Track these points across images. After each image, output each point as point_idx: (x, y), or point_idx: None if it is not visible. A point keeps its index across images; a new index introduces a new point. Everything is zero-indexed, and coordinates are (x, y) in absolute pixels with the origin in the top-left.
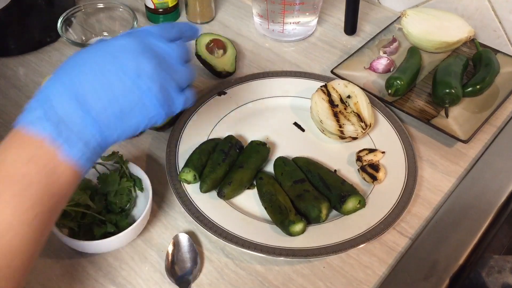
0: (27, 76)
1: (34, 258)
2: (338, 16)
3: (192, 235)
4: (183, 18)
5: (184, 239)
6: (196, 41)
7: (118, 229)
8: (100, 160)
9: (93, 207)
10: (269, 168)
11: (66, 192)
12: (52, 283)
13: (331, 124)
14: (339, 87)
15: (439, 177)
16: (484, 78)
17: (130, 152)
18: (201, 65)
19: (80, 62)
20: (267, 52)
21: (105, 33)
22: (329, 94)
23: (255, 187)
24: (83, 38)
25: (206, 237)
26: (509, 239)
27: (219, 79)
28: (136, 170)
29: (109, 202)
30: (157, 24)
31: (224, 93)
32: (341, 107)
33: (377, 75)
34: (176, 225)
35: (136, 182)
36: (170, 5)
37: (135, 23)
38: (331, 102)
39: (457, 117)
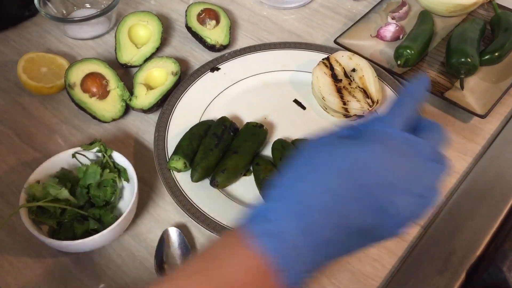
0: (4, 54)
1: None
2: None
3: (184, 228)
4: None
5: (174, 234)
6: (186, 11)
7: (102, 224)
8: (80, 149)
9: (74, 202)
10: (267, 151)
11: None
12: (33, 284)
13: (334, 101)
14: (343, 60)
15: (454, 157)
16: (504, 44)
17: (116, 137)
18: (192, 38)
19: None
20: (264, 21)
21: (88, 5)
22: (331, 68)
23: (252, 174)
24: (64, 12)
25: (199, 230)
26: None
27: (211, 53)
28: (121, 159)
29: (91, 195)
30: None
31: (218, 69)
32: (345, 82)
33: (385, 43)
34: (166, 217)
35: (121, 172)
36: None
37: None
38: (334, 77)
39: (473, 89)
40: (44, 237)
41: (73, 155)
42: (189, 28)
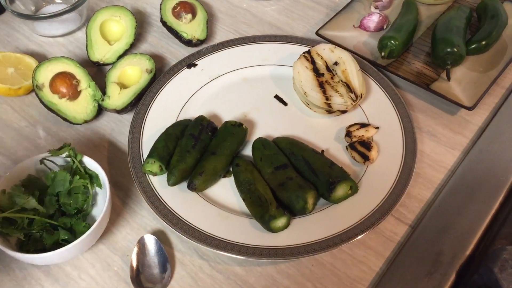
0: None
1: None
2: None
3: (161, 235)
4: None
5: (151, 241)
6: (160, 5)
7: (74, 234)
8: (48, 155)
9: (43, 211)
10: (247, 151)
11: None
12: None
13: (316, 96)
14: (325, 53)
15: (442, 151)
16: (491, 32)
17: (89, 139)
18: (168, 33)
19: None
20: (243, 13)
21: (58, 0)
22: (313, 62)
23: (232, 175)
24: (33, 8)
25: (177, 236)
26: None
27: (188, 48)
28: (92, 164)
29: (61, 203)
30: None
31: (195, 65)
32: (327, 76)
33: (368, 34)
34: (143, 223)
35: (93, 178)
36: None
37: None
38: (316, 71)
39: (460, 79)
40: (11, 251)
41: (41, 161)
42: (164, 23)
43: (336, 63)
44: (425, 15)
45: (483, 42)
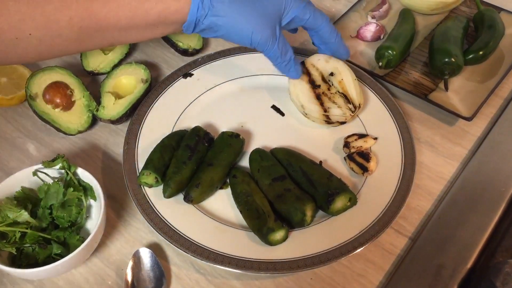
0: None
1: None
2: None
3: (157, 248)
4: None
5: (146, 255)
6: None
7: (67, 248)
8: (41, 167)
9: (36, 224)
10: (245, 162)
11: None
12: None
13: (314, 108)
14: (320, 64)
15: (441, 162)
16: (488, 42)
17: (83, 150)
18: (163, 42)
19: None
20: None
21: None
22: (308, 73)
23: (229, 187)
24: None
25: (173, 250)
26: None
27: (184, 57)
28: (86, 176)
29: (55, 216)
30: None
31: (190, 75)
32: (324, 87)
33: (365, 44)
34: (138, 236)
35: (87, 190)
36: None
37: None
38: (312, 83)
39: (458, 90)
40: (2, 266)
41: (34, 173)
42: None
43: (332, 74)
44: (422, 25)
45: (481, 52)
